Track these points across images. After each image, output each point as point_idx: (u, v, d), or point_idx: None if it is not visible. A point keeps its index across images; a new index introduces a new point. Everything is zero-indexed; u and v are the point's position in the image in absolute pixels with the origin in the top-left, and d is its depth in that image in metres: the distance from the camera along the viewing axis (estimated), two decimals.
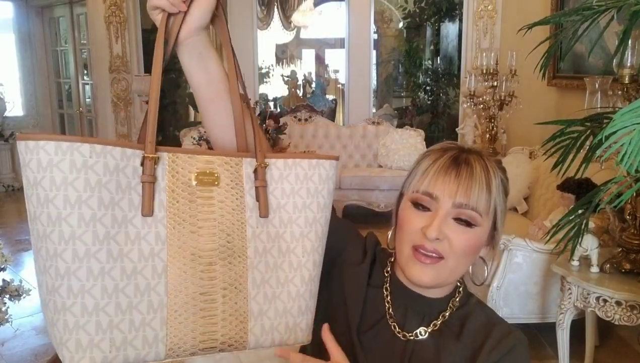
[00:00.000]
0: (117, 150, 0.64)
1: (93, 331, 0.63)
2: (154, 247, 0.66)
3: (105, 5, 5.67)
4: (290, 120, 5.48)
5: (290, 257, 0.74)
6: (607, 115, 2.04)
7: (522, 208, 3.70)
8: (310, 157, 0.76)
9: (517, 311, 2.73)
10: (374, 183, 4.87)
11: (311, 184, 0.75)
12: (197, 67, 0.77)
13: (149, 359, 0.66)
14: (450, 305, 0.87)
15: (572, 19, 1.92)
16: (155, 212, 0.66)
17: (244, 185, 0.72)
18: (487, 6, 5.12)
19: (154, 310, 0.66)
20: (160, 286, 0.66)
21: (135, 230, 0.65)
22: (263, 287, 0.72)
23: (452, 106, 7.44)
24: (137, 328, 0.65)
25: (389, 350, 0.86)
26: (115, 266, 0.63)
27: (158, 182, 0.67)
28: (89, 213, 0.62)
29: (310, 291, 0.76)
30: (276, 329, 0.73)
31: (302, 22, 9.34)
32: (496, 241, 0.87)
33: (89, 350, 0.63)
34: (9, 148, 6.76)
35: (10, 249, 4.32)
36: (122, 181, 0.64)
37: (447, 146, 0.85)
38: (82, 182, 0.61)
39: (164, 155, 0.68)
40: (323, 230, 0.77)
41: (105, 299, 0.63)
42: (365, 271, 0.91)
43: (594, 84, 2.47)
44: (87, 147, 0.61)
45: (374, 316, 0.89)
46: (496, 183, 0.82)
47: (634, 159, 1.18)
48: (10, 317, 2.15)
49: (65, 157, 0.60)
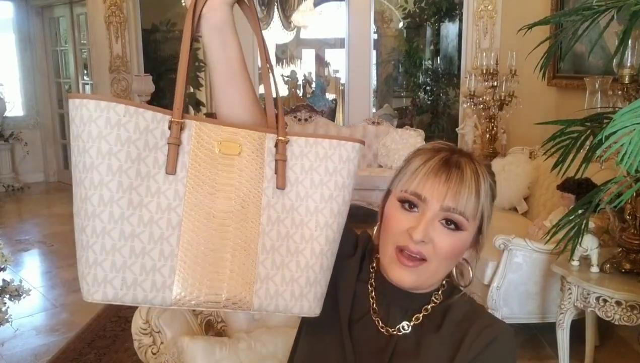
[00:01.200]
0: (149, 113, 0.72)
1: (108, 269, 0.70)
2: (172, 202, 0.72)
3: (105, 5, 5.66)
4: (290, 120, 5.48)
5: (302, 230, 0.77)
6: (607, 115, 2.04)
7: (522, 208, 3.70)
8: (333, 138, 0.79)
9: (517, 311, 2.73)
10: (374, 183, 4.87)
11: (330, 163, 0.78)
12: (216, 42, 0.79)
13: (155, 303, 0.71)
14: (433, 298, 0.87)
15: (572, 19, 1.92)
16: (177, 172, 0.73)
17: (265, 158, 0.77)
18: (487, 6, 5.12)
19: (164, 258, 0.72)
20: (173, 237, 0.72)
21: (157, 185, 0.72)
22: (272, 254, 0.76)
23: (452, 106, 7.44)
24: (148, 272, 0.71)
25: (373, 345, 0.86)
26: (134, 213, 0.71)
27: (183, 145, 0.73)
28: (116, 164, 0.69)
29: (321, 265, 0.78)
30: (281, 295, 0.76)
31: (302, 22, 9.33)
32: (480, 245, 0.87)
33: (103, 285, 0.70)
34: (9, 148, 6.76)
35: (10, 249, 4.32)
36: (150, 141, 0.72)
37: (439, 147, 0.85)
38: (114, 137, 0.69)
39: (192, 123, 0.74)
40: (339, 209, 0.79)
41: (122, 241, 0.70)
42: (356, 265, 0.92)
43: (594, 84, 2.47)
44: (122, 107, 0.70)
45: (360, 311, 0.89)
46: (485, 188, 0.82)
47: (634, 159, 1.18)
48: (10, 317, 2.15)
49: (102, 114, 0.69)
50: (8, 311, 2.14)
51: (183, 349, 1.48)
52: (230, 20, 0.79)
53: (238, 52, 0.81)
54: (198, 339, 1.51)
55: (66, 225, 5.38)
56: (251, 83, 0.84)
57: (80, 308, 3.38)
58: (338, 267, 0.89)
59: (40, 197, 6.54)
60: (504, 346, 0.80)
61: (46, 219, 5.57)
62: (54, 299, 3.58)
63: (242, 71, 0.82)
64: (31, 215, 5.76)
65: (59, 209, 5.98)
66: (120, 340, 2.93)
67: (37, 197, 6.52)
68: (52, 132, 7.24)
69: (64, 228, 5.27)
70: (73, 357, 2.81)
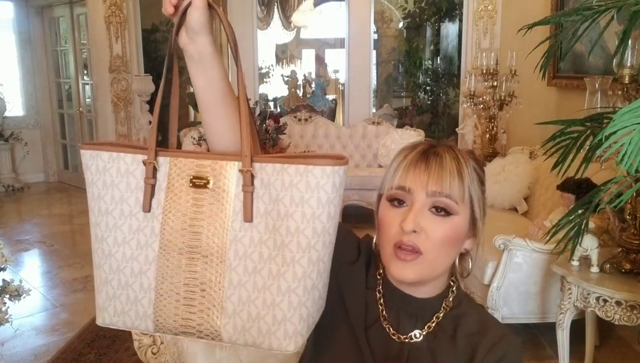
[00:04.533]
0: (129, 157, 0.77)
1: (104, 297, 0.80)
2: (149, 239, 0.77)
3: (105, 5, 5.66)
4: (290, 120, 5.48)
5: (270, 265, 0.73)
6: (607, 115, 2.04)
7: (522, 208, 3.70)
8: (300, 162, 0.72)
9: (517, 311, 2.73)
10: (374, 184, 4.86)
11: (296, 192, 0.72)
12: (195, 71, 0.79)
13: (141, 329, 0.79)
14: (444, 305, 0.87)
15: (572, 19, 1.92)
16: (153, 209, 0.77)
17: (234, 189, 0.74)
18: (487, 6, 5.12)
19: (144, 290, 0.78)
20: (150, 272, 0.77)
21: (137, 223, 0.78)
22: (239, 289, 0.74)
23: (452, 106, 7.44)
24: (132, 302, 0.78)
25: (386, 352, 0.86)
26: (119, 250, 0.78)
27: (159, 183, 0.77)
28: (104, 206, 0.78)
29: (289, 302, 0.73)
30: (248, 331, 0.75)
31: (302, 22, 9.34)
32: (478, 230, 0.86)
33: (102, 311, 0.80)
34: (9, 148, 6.76)
35: (10, 249, 4.32)
36: (131, 182, 0.78)
37: (418, 143, 0.87)
38: (102, 182, 0.78)
39: (167, 159, 0.77)
40: (309, 242, 0.72)
41: (112, 275, 0.79)
42: (362, 272, 0.91)
43: (594, 84, 2.47)
44: (107, 155, 0.77)
45: (370, 318, 0.89)
46: (468, 171, 0.82)
47: (634, 158, 1.18)
48: (10, 317, 2.15)
49: (93, 162, 0.78)
50: (8, 311, 2.14)
51: (183, 349, 1.48)
52: (207, 49, 0.77)
53: (220, 80, 0.80)
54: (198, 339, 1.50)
55: (66, 225, 5.38)
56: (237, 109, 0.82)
57: (80, 308, 3.39)
58: (342, 272, 0.89)
59: (40, 197, 6.54)
60: (513, 361, 0.82)
61: (46, 219, 5.57)
62: (54, 299, 3.58)
63: (225, 100, 0.80)
64: (31, 215, 5.76)
65: (59, 209, 5.99)
66: (120, 340, 2.93)
67: (37, 197, 6.52)
68: (52, 132, 7.24)
69: (64, 228, 5.28)
70: (73, 357, 2.81)
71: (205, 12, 0.74)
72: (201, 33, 0.76)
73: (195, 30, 0.76)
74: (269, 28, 9.45)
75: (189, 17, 0.74)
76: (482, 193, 0.85)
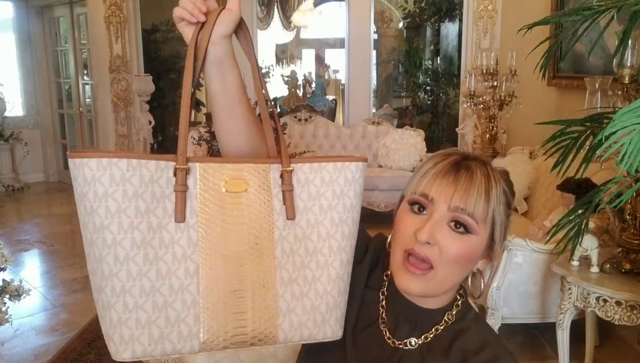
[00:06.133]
0: (152, 163, 0.70)
1: (134, 326, 0.70)
2: (186, 250, 0.72)
3: (105, 5, 5.66)
4: (290, 120, 5.48)
5: (317, 257, 0.78)
6: (607, 115, 2.04)
7: (522, 208, 3.70)
8: (336, 160, 0.79)
9: (517, 311, 2.73)
10: (374, 183, 4.87)
11: (337, 186, 0.78)
12: (215, 74, 0.80)
13: (184, 352, 0.72)
14: (446, 318, 0.85)
15: (572, 19, 1.92)
16: (187, 218, 0.72)
17: (272, 190, 0.76)
18: (487, 6, 5.12)
19: (187, 307, 0.71)
20: (192, 286, 0.72)
21: (169, 235, 0.71)
22: (291, 286, 0.76)
23: (452, 106, 7.44)
24: (173, 324, 0.71)
25: (377, 355, 0.85)
26: (151, 268, 0.70)
27: (190, 190, 0.72)
28: (127, 221, 0.68)
29: (339, 289, 0.79)
30: (304, 325, 0.77)
31: (302, 22, 9.34)
32: (494, 253, 0.83)
33: (131, 343, 0.70)
34: (9, 148, 6.75)
35: (10, 249, 4.32)
36: (156, 191, 0.70)
37: (452, 151, 0.84)
38: (121, 194, 0.68)
39: (196, 166, 0.73)
40: (350, 230, 0.79)
41: (143, 298, 0.70)
42: (364, 271, 0.90)
43: (594, 84, 2.47)
44: (125, 162, 0.68)
45: (367, 319, 0.88)
46: (496, 192, 0.79)
47: (634, 158, 1.18)
48: (10, 317, 2.15)
49: (106, 171, 0.67)
50: (8, 311, 2.14)
51: None
52: (229, 53, 0.79)
53: (237, 83, 0.81)
54: None
55: (66, 225, 5.38)
56: (252, 112, 0.84)
57: (80, 308, 3.39)
58: None
59: (40, 197, 6.54)
60: None
61: (46, 219, 5.57)
62: (54, 299, 3.58)
63: (242, 101, 0.82)
64: (31, 215, 5.76)
65: (59, 209, 5.98)
66: None
67: (37, 197, 6.52)
68: (52, 132, 7.23)
69: (64, 228, 5.28)
70: (73, 357, 2.81)
71: (239, 16, 0.78)
72: (228, 36, 0.78)
73: (225, 34, 0.78)
74: (269, 28, 9.45)
75: (224, 21, 0.77)
76: (506, 218, 0.82)
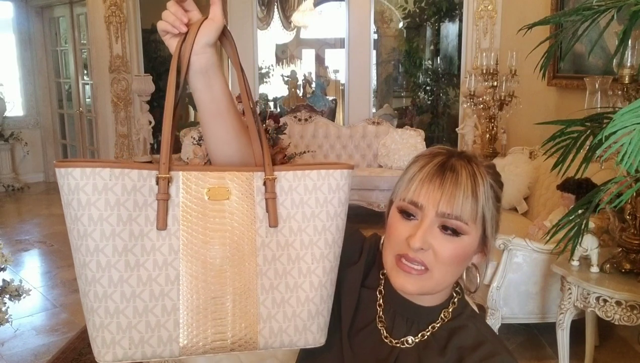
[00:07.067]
0: (134, 173, 0.71)
1: (115, 330, 0.72)
2: (167, 257, 0.73)
3: (105, 5, 5.66)
4: (290, 120, 5.48)
5: (299, 264, 0.78)
6: (607, 115, 2.04)
7: (522, 208, 3.70)
8: (320, 168, 0.79)
9: (517, 311, 2.73)
10: (374, 183, 4.87)
11: (320, 194, 0.78)
12: (201, 84, 0.80)
13: (164, 355, 0.74)
14: (442, 316, 0.85)
15: (572, 19, 1.92)
16: (169, 226, 0.73)
17: (255, 198, 0.76)
18: (487, 6, 5.12)
19: (167, 313, 0.73)
20: (173, 292, 0.73)
21: (151, 242, 0.73)
22: (272, 293, 0.77)
23: (452, 106, 7.44)
24: (153, 329, 0.73)
25: (375, 354, 0.85)
26: (132, 275, 0.72)
27: (172, 198, 0.73)
28: (109, 229, 0.70)
29: (321, 296, 0.78)
30: (285, 332, 0.77)
31: (302, 22, 9.33)
32: (488, 248, 0.84)
33: (112, 346, 0.72)
34: (9, 148, 6.75)
35: (10, 249, 4.32)
36: (139, 199, 0.72)
37: (437, 151, 0.83)
38: (103, 202, 0.70)
39: (179, 174, 0.74)
40: (334, 238, 0.79)
41: (124, 303, 0.72)
42: (360, 272, 0.91)
43: (594, 84, 2.47)
44: (108, 171, 0.70)
45: (365, 318, 0.88)
46: (484, 189, 0.79)
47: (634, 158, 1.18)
48: (10, 317, 2.15)
49: (89, 181, 0.69)
50: (8, 311, 2.14)
51: None
52: (214, 62, 0.80)
53: (224, 92, 0.82)
54: None
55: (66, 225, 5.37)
56: (240, 120, 0.84)
57: (80, 308, 3.36)
58: (341, 275, 0.88)
59: (40, 197, 6.54)
60: None
61: (46, 219, 5.57)
62: (54, 299, 3.58)
63: (230, 110, 0.83)
64: (31, 215, 5.76)
65: (59, 209, 5.96)
66: None
67: (37, 197, 6.52)
68: (52, 132, 7.24)
69: (64, 228, 5.22)
70: (73, 357, 2.81)
71: (222, 25, 0.78)
72: (212, 45, 0.79)
73: (208, 43, 0.78)
74: (269, 28, 9.45)
75: (207, 30, 0.77)
76: (496, 211, 0.82)
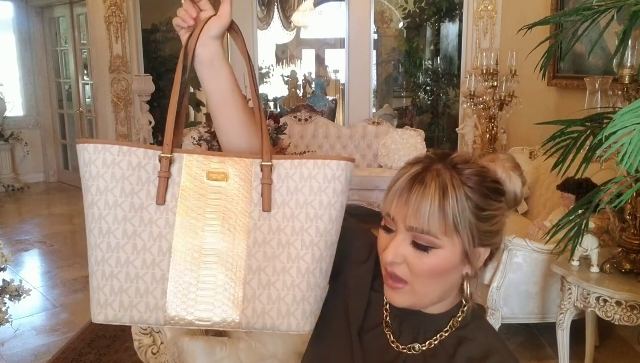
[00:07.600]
0: (140, 151, 0.79)
1: (108, 292, 0.78)
2: (162, 230, 0.78)
3: (105, 5, 5.66)
4: (290, 120, 5.48)
5: (289, 249, 0.79)
6: (607, 115, 2.04)
7: (522, 208, 3.70)
8: (317, 158, 0.81)
9: (517, 311, 2.73)
10: (374, 183, 4.87)
11: (314, 182, 0.80)
12: (206, 74, 0.83)
13: (150, 322, 0.79)
14: (451, 324, 0.83)
15: (572, 19, 1.92)
16: (168, 202, 0.79)
17: (252, 183, 0.80)
18: (487, 6, 5.12)
19: (156, 281, 0.78)
20: (164, 262, 0.78)
21: (149, 215, 0.78)
22: (258, 274, 0.79)
23: (452, 106, 7.44)
24: (142, 295, 0.78)
25: (382, 356, 0.85)
26: (129, 242, 0.78)
27: (173, 177, 0.79)
28: (112, 199, 0.77)
29: (308, 282, 0.80)
30: (267, 314, 0.79)
31: (302, 22, 9.33)
32: (471, 258, 0.80)
33: (104, 308, 0.78)
34: (9, 148, 6.75)
35: (10, 249, 4.31)
36: (142, 176, 0.78)
37: (415, 161, 0.81)
38: (110, 175, 0.77)
39: (182, 156, 0.80)
40: (326, 227, 0.80)
41: (118, 268, 0.78)
42: (369, 272, 0.90)
43: (594, 84, 2.46)
44: (117, 148, 0.78)
45: (373, 322, 0.88)
46: (452, 203, 0.75)
47: (634, 158, 1.18)
48: (10, 317, 2.15)
49: (99, 155, 0.77)
50: (8, 311, 2.14)
51: (183, 349, 1.48)
52: (219, 53, 0.83)
53: (229, 83, 0.85)
54: (198, 339, 1.51)
55: (66, 225, 5.38)
56: (248, 113, 0.87)
57: (80, 308, 3.39)
58: (350, 272, 0.89)
59: (40, 197, 6.54)
60: None
61: (46, 219, 5.57)
62: (54, 299, 3.58)
63: (235, 101, 0.85)
64: (31, 215, 5.76)
65: (59, 209, 5.98)
66: (120, 340, 2.93)
67: (37, 197, 6.52)
68: (52, 132, 7.23)
69: (64, 228, 5.28)
70: (73, 357, 2.81)
71: (228, 21, 0.82)
72: (216, 38, 0.82)
73: (213, 36, 0.81)
74: (269, 28, 9.46)
75: (213, 25, 0.81)
76: (477, 220, 0.77)
